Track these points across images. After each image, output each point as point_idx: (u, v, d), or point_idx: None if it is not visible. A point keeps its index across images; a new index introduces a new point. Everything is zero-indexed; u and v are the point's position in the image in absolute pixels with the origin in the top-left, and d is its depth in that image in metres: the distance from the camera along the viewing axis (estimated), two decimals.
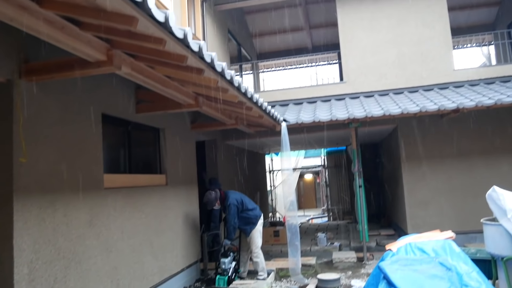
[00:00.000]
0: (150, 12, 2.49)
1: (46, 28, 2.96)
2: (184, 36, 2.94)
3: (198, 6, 9.33)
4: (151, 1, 2.42)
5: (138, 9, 2.48)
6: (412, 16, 10.23)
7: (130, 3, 2.39)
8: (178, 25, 7.65)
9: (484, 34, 13.49)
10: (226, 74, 4.01)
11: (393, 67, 10.17)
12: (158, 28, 2.76)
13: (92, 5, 2.64)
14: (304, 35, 14.84)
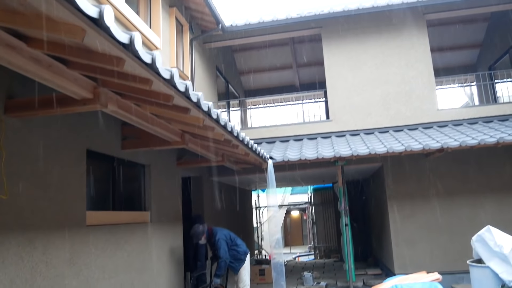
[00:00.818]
0: (137, 53, 2.51)
1: (33, 67, 2.96)
2: (170, 77, 2.96)
3: (186, 43, 9.47)
4: (138, 43, 2.45)
5: (125, 50, 2.50)
6: (396, 57, 10.50)
7: (117, 45, 2.41)
8: (167, 62, 7.74)
9: (466, 75, 13.87)
10: (212, 113, 4.03)
11: (378, 106, 10.34)
12: (145, 69, 2.77)
13: (79, 46, 2.66)
14: (291, 73, 15.09)
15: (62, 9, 2.01)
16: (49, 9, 2.09)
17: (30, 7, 2.16)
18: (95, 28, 2.21)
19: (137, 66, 2.73)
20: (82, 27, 2.19)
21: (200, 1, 9.08)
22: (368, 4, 10.14)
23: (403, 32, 10.58)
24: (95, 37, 2.32)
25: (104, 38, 2.32)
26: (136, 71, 2.89)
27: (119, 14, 6.23)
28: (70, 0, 1.91)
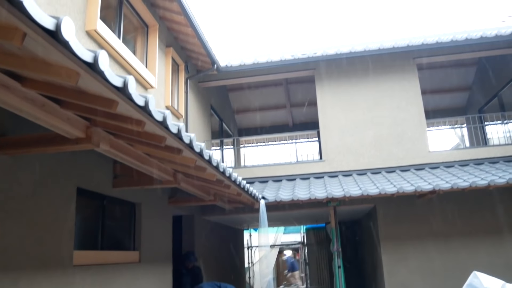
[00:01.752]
0: (131, 96, 2.54)
1: (27, 106, 2.97)
2: (163, 119, 2.99)
3: (182, 82, 9.60)
4: (131, 86, 2.48)
5: (119, 93, 2.53)
6: (387, 99, 10.67)
7: (111, 88, 2.44)
8: (161, 100, 7.81)
9: (457, 118, 14.08)
10: (205, 154, 4.04)
11: (371, 148, 10.41)
12: (138, 111, 2.80)
13: (73, 87, 2.69)
14: (285, 112, 15.25)
15: (58, 53, 2.04)
16: (45, 52, 2.13)
17: (26, 50, 2.19)
18: (90, 72, 2.24)
19: (130, 108, 2.75)
20: (76, 71, 2.23)
21: (196, 41, 9.26)
22: (360, 48, 10.40)
23: (394, 75, 10.81)
24: (89, 80, 2.36)
25: (98, 81, 2.36)
26: (129, 113, 2.91)
27: (115, 53, 6.33)
28: (65, 45, 1.95)
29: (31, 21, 1.77)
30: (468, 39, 9.98)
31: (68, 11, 5.29)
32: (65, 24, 1.83)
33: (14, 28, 1.85)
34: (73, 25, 1.89)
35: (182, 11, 8.06)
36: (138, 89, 7.22)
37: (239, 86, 13.66)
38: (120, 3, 7.03)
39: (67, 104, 3.20)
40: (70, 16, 5.33)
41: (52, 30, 1.83)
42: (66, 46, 1.95)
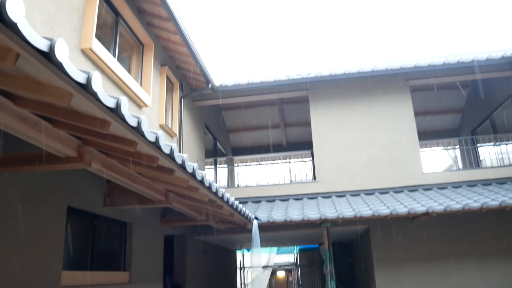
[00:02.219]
0: (123, 117, 2.52)
1: (19, 125, 2.95)
2: (155, 140, 2.97)
3: (176, 101, 9.61)
4: (124, 107, 2.47)
5: (111, 114, 2.51)
6: (381, 120, 10.73)
7: (104, 109, 2.43)
8: (155, 119, 7.80)
9: (450, 139, 14.18)
10: (197, 174, 4.01)
11: (364, 168, 10.42)
12: (131, 131, 2.79)
13: (66, 107, 2.68)
14: (279, 132, 15.27)
15: (51, 74, 2.04)
16: (38, 73, 2.12)
17: (19, 70, 2.18)
18: (83, 93, 2.23)
19: (123, 128, 2.74)
20: (69, 91, 2.22)
21: (191, 61, 9.31)
22: (354, 69, 10.50)
23: (388, 96, 10.89)
24: (82, 100, 2.35)
25: (91, 102, 2.35)
26: (121, 133, 2.89)
27: (110, 72, 6.33)
28: (58, 66, 1.94)
29: (25, 43, 1.77)
30: (460, 62, 10.11)
31: (64, 29, 5.31)
32: (59, 46, 1.83)
33: (7, 49, 1.85)
34: (67, 47, 1.89)
35: (177, 31, 8.12)
36: (132, 108, 7.22)
37: (233, 105, 13.70)
38: (116, 22, 7.08)
39: (60, 123, 3.18)
40: (65, 34, 5.34)
41: (46, 51, 1.82)
42: (60, 67, 1.94)
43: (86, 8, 5.90)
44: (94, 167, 3.71)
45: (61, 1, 5.30)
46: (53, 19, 5.09)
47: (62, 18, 5.31)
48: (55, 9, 5.16)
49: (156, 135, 2.98)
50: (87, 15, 5.86)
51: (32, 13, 4.72)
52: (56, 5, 5.20)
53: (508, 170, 10.22)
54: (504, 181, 9.99)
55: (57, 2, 5.22)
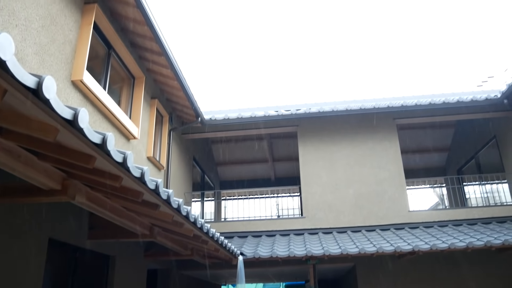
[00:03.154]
0: (109, 153, 2.53)
1: (3, 157, 2.93)
2: (141, 175, 2.97)
3: (165, 133, 9.63)
4: (110, 143, 2.48)
5: (97, 149, 2.52)
6: (368, 158, 10.83)
7: (90, 144, 2.44)
8: (144, 151, 7.78)
9: (436, 178, 14.31)
10: (182, 210, 3.99)
11: (351, 206, 10.43)
12: (116, 166, 2.79)
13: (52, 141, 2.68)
14: (267, 166, 15.30)
15: (38, 109, 2.05)
16: (25, 108, 2.14)
17: (6, 104, 2.20)
18: (69, 128, 2.25)
19: (108, 163, 2.74)
20: (56, 127, 2.23)
21: (181, 94, 9.39)
22: (342, 107, 10.66)
23: (375, 134, 11.03)
24: (68, 135, 2.36)
25: (77, 137, 2.36)
26: (107, 168, 2.89)
27: (100, 104, 6.36)
28: (46, 103, 1.96)
29: (13, 79, 1.79)
30: (446, 102, 10.34)
31: (55, 61, 5.36)
32: (47, 83, 1.85)
33: None
34: (54, 84, 1.91)
35: (169, 65, 8.22)
36: (121, 140, 7.22)
37: (222, 139, 13.75)
38: (108, 55, 7.16)
39: (45, 156, 3.17)
40: (56, 66, 5.39)
41: (34, 88, 1.85)
42: (47, 104, 1.96)
43: (79, 40, 5.97)
44: (77, 201, 3.68)
45: (54, 33, 5.37)
46: (45, 50, 5.15)
47: (54, 50, 5.36)
48: (48, 41, 5.23)
49: (142, 170, 2.98)
50: (79, 47, 5.94)
51: (25, 44, 4.77)
52: (50, 37, 5.26)
53: (493, 210, 10.31)
54: (489, 221, 10.05)
55: (51, 34, 5.29)
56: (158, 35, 7.38)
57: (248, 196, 15.36)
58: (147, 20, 6.95)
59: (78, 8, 5.98)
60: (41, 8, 5.08)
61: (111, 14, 6.93)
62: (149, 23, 7.04)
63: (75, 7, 5.88)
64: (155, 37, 7.40)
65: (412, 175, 13.10)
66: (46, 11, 5.19)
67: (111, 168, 2.85)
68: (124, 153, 2.72)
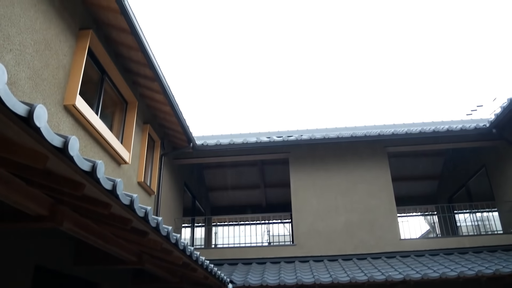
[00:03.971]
0: (98, 181, 2.52)
1: None
2: (130, 203, 2.96)
3: (157, 158, 9.61)
4: (100, 171, 2.48)
5: (87, 177, 2.51)
6: (359, 186, 10.85)
7: (79, 171, 2.43)
8: (134, 176, 7.74)
9: (427, 206, 14.33)
10: (171, 238, 3.96)
11: (342, 233, 10.39)
12: (105, 194, 2.77)
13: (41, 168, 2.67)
14: (259, 192, 15.26)
15: (28, 137, 2.05)
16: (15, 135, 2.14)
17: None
18: (59, 156, 2.25)
19: (97, 191, 2.73)
20: (45, 154, 2.23)
21: (174, 120, 9.42)
22: (333, 134, 10.75)
23: (366, 162, 11.09)
24: (58, 163, 2.35)
25: (67, 165, 2.35)
26: (96, 195, 2.88)
27: (91, 128, 6.36)
28: (36, 131, 1.97)
29: (4, 107, 1.80)
30: (436, 131, 10.46)
31: (48, 86, 5.37)
32: (38, 112, 1.86)
33: None
34: (46, 112, 1.92)
35: (162, 91, 8.28)
36: (112, 164, 7.19)
37: (214, 164, 13.73)
38: (101, 80, 7.20)
39: (33, 182, 3.14)
40: (49, 90, 5.40)
41: (24, 116, 1.85)
42: (37, 132, 1.97)
43: (73, 65, 6.01)
44: (65, 227, 3.63)
45: (48, 58, 5.41)
46: (38, 75, 5.17)
47: (48, 74, 5.39)
48: (41, 65, 5.26)
49: (131, 198, 2.97)
50: (73, 72, 5.97)
51: (18, 69, 4.79)
52: (43, 62, 5.29)
53: (484, 239, 10.32)
54: (480, 250, 10.03)
55: (45, 59, 5.32)
56: (152, 61, 7.45)
57: (239, 222, 15.26)
58: (141, 46, 7.03)
59: (73, 33, 6.05)
60: (36, 34, 5.13)
61: (106, 39, 7.01)
62: (143, 49, 7.12)
63: (70, 32, 5.94)
64: (148, 63, 7.47)
65: (403, 202, 13.12)
66: (41, 36, 5.24)
67: (100, 195, 2.83)
68: (113, 180, 2.71)
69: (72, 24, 6.00)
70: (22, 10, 4.86)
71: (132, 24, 6.55)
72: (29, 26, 4.98)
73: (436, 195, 15.00)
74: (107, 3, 6.23)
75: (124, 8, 6.22)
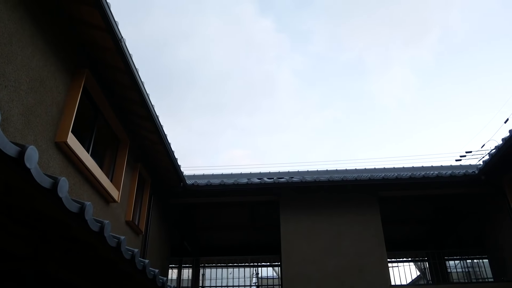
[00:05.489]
0: (86, 222, 2.50)
1: None
2: (117, 245, 2.92)
3: (146, 197, 9.52)
4: (88, 213, 2.46)
5: (75, 218, 2.49)
6: (349, 229, 10.76)
7: (67, 213, 2.41)
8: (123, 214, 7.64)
9: (418, 251, 14.22)
10: (158, 281, 3.88)
11: (332, 278, 10.20)
12: (92, 235, 2.74)
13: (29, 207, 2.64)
14: (248, 233, 15.06)
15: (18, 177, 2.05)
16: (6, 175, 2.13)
17: None
18: (48, 197, 2.23)
19: (85, 232, 2.70)
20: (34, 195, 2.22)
21: (165, 159, 9.41)
22: (324, 177, 10.77)
23: (356, 206, 11.06)
24: (46, 203, 2.33)
25: (55, 206, 2.34)
26: (83, 236, 2.84)
27: (82, 166, 6.32)
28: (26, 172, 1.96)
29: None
30: (426, 177, 10.52)
31: (40, 122, 5.38)
32: (29, 153, 1.87)
33: None
34: (37, 154, 1.93)
35: (155, 130, 8.31)
36: (100, 202, 7.11)
37: (204, 205, 13.60)
38: (94, 117, 7.22)
39: (20, 221, 3.10)
40: (41, 127, 5.40)
41: (15, 157, 1.86)
42: (28, 173, 1.96)
43: (67, 103, 6.03)
44: (50, 267, 3.55)
45: (43, 95, 5.44)
46: (32, 112, 5.18)
47: (41, 111, 5.41)
48: (35, 102, 5.28)
49: (119, 240, 2.93)
50: (67, 109, 5.99)
51: (12, 105, 4.81)
52: (37, 99, 5.32)
53: (475, 287, 10.20)
54: None
55: (39, 96, 5.35)
56: (146, 101, 7.52)
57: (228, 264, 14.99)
58: (136, 85, 7.11)
59: (69, 71, 6.11)
60: (32, 71, 5.19)
61: (101, 77, 7.08)
62: (138, 89, 7.19)
63: (66, 70, 6.01)
64: (142, 102, 7.54)
65: (393, 247, 13.00)
66: (37, 73, 5.29)
67: (87, 237, 2.79)
68: (101, 222, 2.69)
69: (68, 62, 6.08)
70: (19, 48, 4.93)
71: (128, 63, 6.64)
72: (25, 64, 5.04)
73: (427, 240, 14.91)
74: (104, 43, 6.35)
75: (121, 48, 6.33)
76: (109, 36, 6.15)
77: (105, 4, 5.65)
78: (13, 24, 4.81)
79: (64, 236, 3.01)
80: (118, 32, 6.13)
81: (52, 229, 2.75)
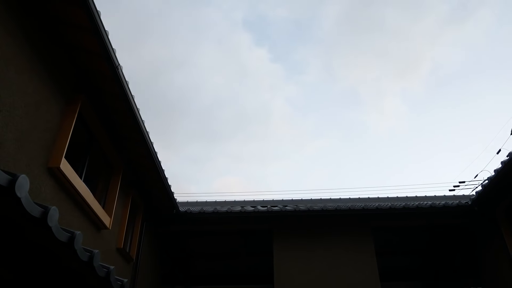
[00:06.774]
0: (76, 252, 2.47)
1: None
2: (106, 275, 2.88)
3: (138, 224, 9.43)
4: (77, 243, 2.43)
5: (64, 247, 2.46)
6: (343, 259, 10.65)
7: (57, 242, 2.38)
8: (114, 241, 7.54)
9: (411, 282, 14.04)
10: None
11: None
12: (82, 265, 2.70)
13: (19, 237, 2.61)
14: (241, 262, 14.86)
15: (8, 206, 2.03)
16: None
17: None
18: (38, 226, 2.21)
19: (74, 262, 2.66)
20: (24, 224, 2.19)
21: (159, 185, 9.36)
22: (318, 207, 10.73)
23: (350, 235, 10.98)
24: (36, 232, 2.31)
25: (45, 235, 2.31)
26: (72, 265, 2.80)
27: (73, 191, 6.26)
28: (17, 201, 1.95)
29: None
30: (419, 207, 10.51)
31: (34, 147, 5.35)
32: (20, 182, 1.86)
33: None
34: (28, 183, 1.92)
35: (148, 156, 8.30)
36: (91, 229, 7.02)
37: (196, 232, 13.46)
38: (88, 143, 7.21)
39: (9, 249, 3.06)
40: (34, 152, 5.38)
41: (5, 186, 1.85)
42: (18, 202, 1.95)
43: (61, 128, 6.02)
44: None
45: (37, 120, 5.43)
46: (25, 137, 5.17)
47: (35, 136, 5.39)
48: (29, 127, 5.27)
49: (108, 270, 2.89)
50: (61, 135, 5.97)
51: (6, 130, 4.79)
52: (32, 124, 5.31)
53: None
54: None
55: (33, 121, 5.35)
56: (140, 126, 7.53)
57: None
58: (131, 112, 7.13)
59: (65, 96, 6.13)
60: (27, 96, 5.20)
61: (96, 102, 7.09)
62: (133, 115, 7.22)
63: (61, 95, 6.03)
64: (136, 128, 7.55)
65: (387, 278, 12.83)
66: (32, 99, 5.30)
67: (77, 266, 2.75)
68: (91, 251, 2.65)
69: (64, 87, 6.11)
70: (16, 74, 4.96)
71: (124, 90, 6.68)
72: (21, 89, 5.06)
73: (422, 271, 14.76)
74: (101, 69, 6.40)
75: (117, 75, 6.38)
76: (106, 63, 6.21)
77: (103, 32, 5.72)
78: (11, 49, 4.85)
79: (54, 265, 2.96)
80: (115, 59, 6.20)
81: (41, 257, 2.71)
